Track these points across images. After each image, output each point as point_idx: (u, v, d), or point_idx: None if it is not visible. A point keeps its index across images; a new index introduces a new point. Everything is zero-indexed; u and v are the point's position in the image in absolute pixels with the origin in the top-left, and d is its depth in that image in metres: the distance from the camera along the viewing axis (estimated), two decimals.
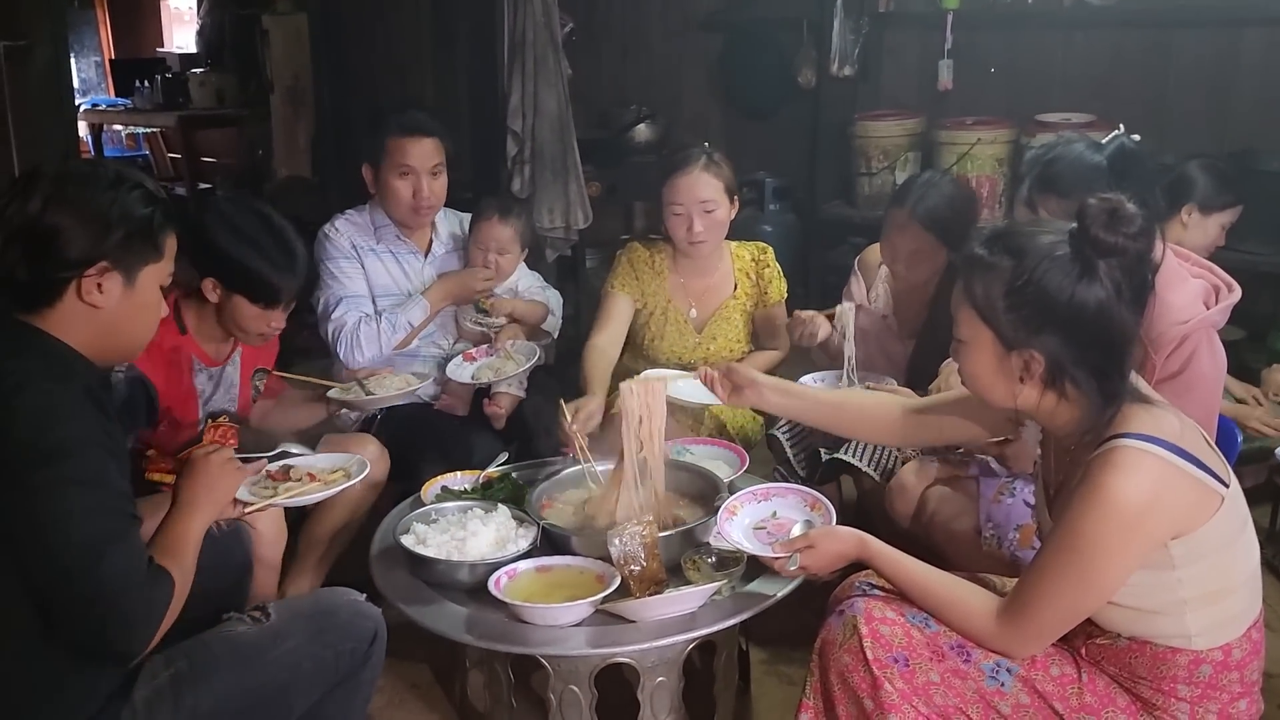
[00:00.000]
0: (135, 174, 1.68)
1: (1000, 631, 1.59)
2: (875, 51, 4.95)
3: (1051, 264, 1.52)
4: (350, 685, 1.80)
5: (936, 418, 1.98)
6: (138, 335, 1.70)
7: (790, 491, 2.13)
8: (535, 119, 4.04)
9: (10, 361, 1.51)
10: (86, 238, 1.56)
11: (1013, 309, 1.54)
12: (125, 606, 1.45)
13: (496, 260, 2.88)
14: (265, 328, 2.34)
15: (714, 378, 2.12)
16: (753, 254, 3.01)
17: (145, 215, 1.62)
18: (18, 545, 1.44)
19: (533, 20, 3.99)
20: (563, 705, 2.01)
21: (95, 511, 1.46)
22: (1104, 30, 4.47)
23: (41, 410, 1.46)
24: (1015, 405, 1.63)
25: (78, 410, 1.50)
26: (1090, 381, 1.54)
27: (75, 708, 1.54)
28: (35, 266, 1.55)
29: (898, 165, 4.67)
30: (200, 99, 7.57)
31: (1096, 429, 1.55)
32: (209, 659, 1.65)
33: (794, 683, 2.33)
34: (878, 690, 1.60)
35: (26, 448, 1.44)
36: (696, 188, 2.77)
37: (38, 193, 1.56)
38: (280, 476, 2.08)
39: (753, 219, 4.85)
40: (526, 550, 2.09)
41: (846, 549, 1.79)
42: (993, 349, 1.59)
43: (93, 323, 1.60)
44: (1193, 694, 1.56)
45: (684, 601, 1.95)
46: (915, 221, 2.61)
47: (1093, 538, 1.49)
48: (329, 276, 2.84)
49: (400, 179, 2.81)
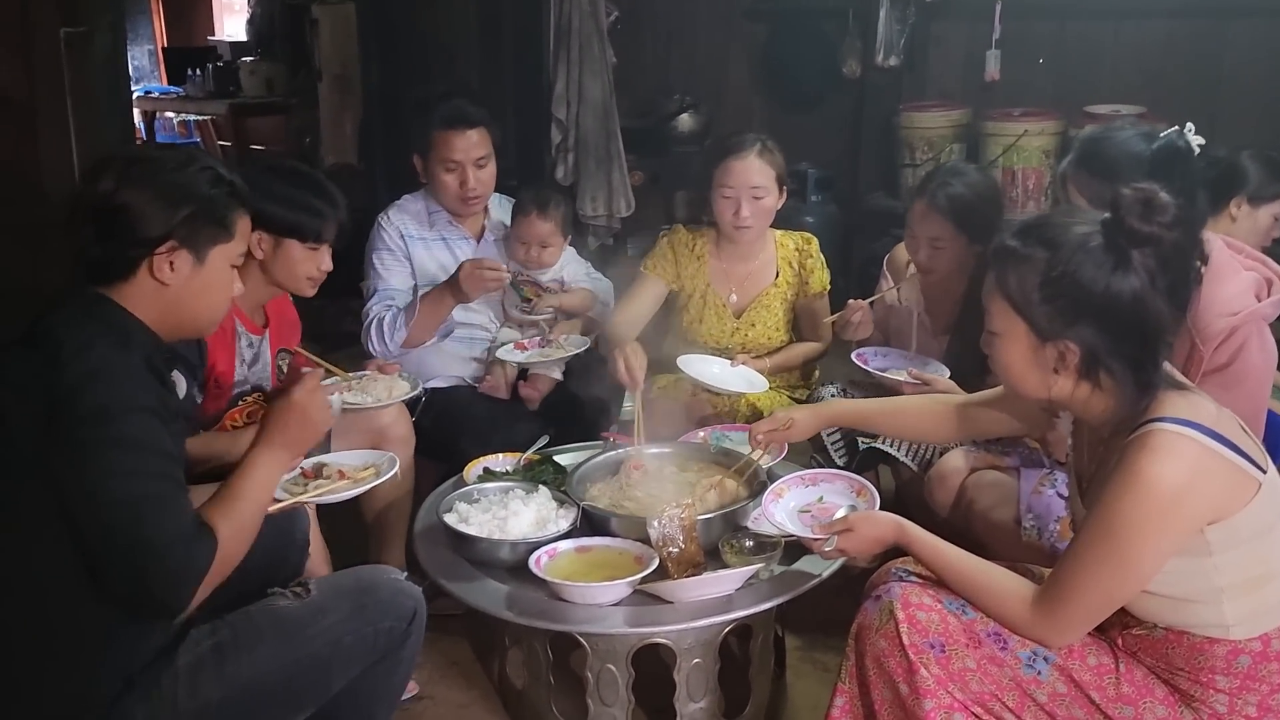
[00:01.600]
0: (206, 156, 1.75)
1: (1037, 619, 1.59)
2: (921, 42, 4.92)
3: (1085, 255, 1.52)
4: (390, 662, 1.83)
5: (977, 413, 2.00)
6: (207, 313, 1.75)
7: (837, 477, 2.14)
8: (580, 107, 4.07)
9: (79, 326, 1.56)
10: (155, 216, 1.62)
11: (1047, 300, 1.54)
12: (167, 564, 1.49)
13: (539, 253, 2.89)
14: (315, 270, 2.37)
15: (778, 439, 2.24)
16: (797, 243, 3.01)
17: (213, 195, 1.68)
18: (67, 500, 1.49)
19: (579, 8, 4.03)
20: (600, 683, 2.04)
21: (138, 474, 1.49)
22: (1155, 20, 4.42)
23: (98, 373, 1.51)
24: (1049, 396, 1.62)
25: (135, 376, 1.55)
26: (1125, 372, 1.54)
27: (121, 664, 1.58)
28: (108, 244, 1.62)
29: (942, 157, 4.63)
30: (250, 87, 7.67)
31: (1131, 417, 1.54)
32: (252, 630, 1.69)
33: (829, 669, 2.34)
34: (913, 675, 1.61)
35: (81, 407, 1.49)
36: (749, 172, 2.79)
37: (110, 173, 1.62)
38: (312, 474, 2.11)
39: (795, 210, 4.84)
40: (567, 530, 2.12)
41: (885, 533, 1.80)
42: (1027, 341, 1.59)
43: (163, 299, 1.65)
44: (1231, 685, 1.55)
45: (721, 583, 1.97)
46: (935, 209, 2.60)
47: (1129, 522, 1.48)
48: (372, 266, 2.89)
49: (447, 172, 2.84)
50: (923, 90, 4.93)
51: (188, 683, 1.62)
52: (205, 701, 1.62)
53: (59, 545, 1.52)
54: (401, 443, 2.57)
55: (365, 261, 2.91)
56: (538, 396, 2.85)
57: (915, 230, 2.67)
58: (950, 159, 4.59)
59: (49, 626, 1.55)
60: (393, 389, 2.51)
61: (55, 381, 1.49)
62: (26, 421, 1.50)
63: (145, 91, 8.70)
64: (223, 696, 1.63)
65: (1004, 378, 1.68)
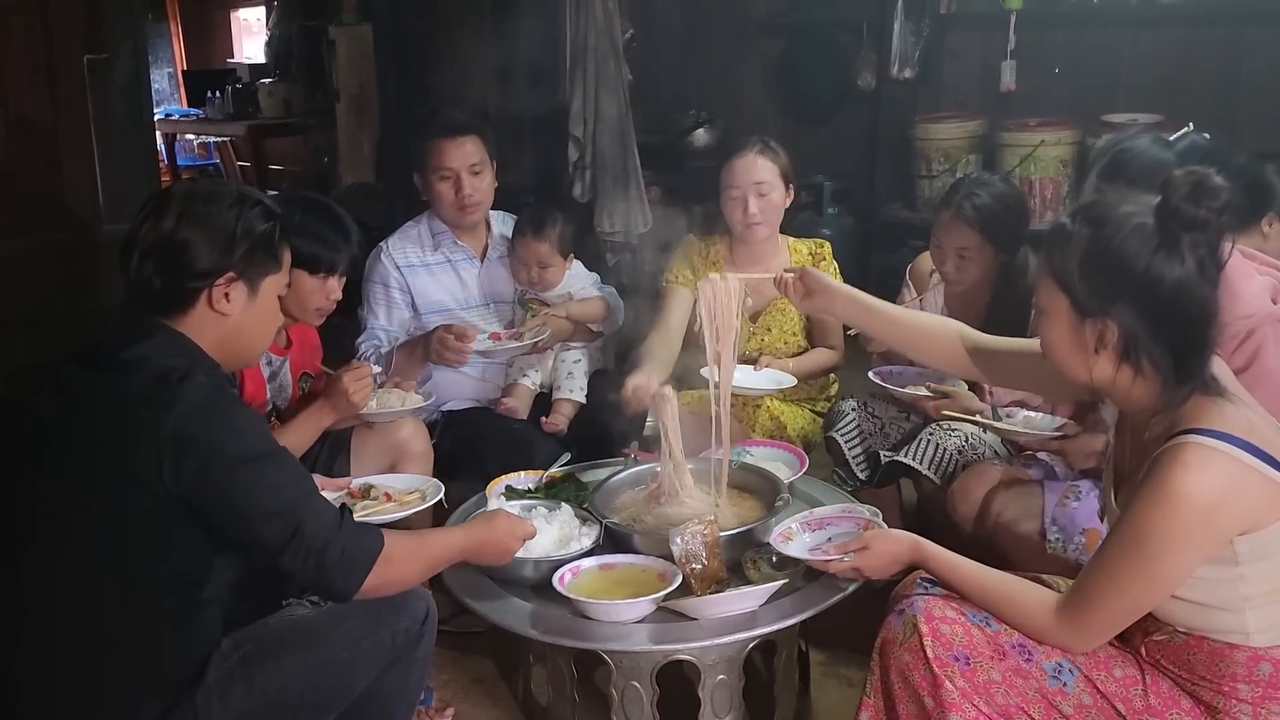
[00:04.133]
0: (255, 192, 1.84)
1: (1060, 626, 1.59)
2: (936, 53, 4.91)
3: (1130, 234, 1.51)
4: (406, 663, 1.87)
5: (1004, 361, 1.97)
6: (258, 341, 1.85)
7: (843, 518, 2.09)
8: (596, 124, 4.09)
9: (167, 357, 1.65)
10: (214, 250, 1.70)
11: (1087, 276, 1.54)
12: (333, 551, 1.63)
13: (540, 273, 2.88)
14: (324, 300, 2.41)
15: (789, 281, 2.16)
16: (810, 249, 3.02)
17: (267, 230, 1.77)
18: (213, 526, 1.61)
19: (594, 26, 4.05)
20: (625, 701, 2.04)
21: (281, 485, 1.63)
22: (1172, 28, 4.40)
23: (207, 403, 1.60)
24: (1091, 378, 1.61)
25: (233, 400, 1.70)
26: (1166, 359, 1.52)
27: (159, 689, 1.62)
28: (169, 277, 1.69)
29: (959, 167, 4.62)
30: (269, 108, 7.75)
31: (1169, 411, 1.53)
32: (275, 641, 1.73)
33: (853, 684, 2.33)
34: (938, 689, 1.60)
35: (205, 439, 1.57)
36: (752, 170, 2.82)
37: (170, 211, 1.70)
38: (359, 494, 2.24)
39: (811, 222, 4.85)
40: (590, 548, 2.13)
41: (900, 551, 1.80)
42: (1068, 317, 1.58)
43: (220, 329, 1.73)
44: (1254, 694, 1.54)
45: (745, 600, 1.97)
46: (962, 219, 2.60)
47: (1158, 534, 1.48)
48: (367, 297, 2.91)
49: (442, 181, 2.84)
50: (938, 101, 4.93)
51: (220, 698, 1.65)
52: (238, 713, 1.65)
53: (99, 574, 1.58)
54: (420, 459, 2.59)
55: (362, 288, 2.91)
56: (563, 423, 2.85)
57: (941, 241, 2.67)
58: (967, 169, 4.59)
59: (91, 659, 1.59)
60: (406, 400, 2.55)
61: (169, 414, 1.56)
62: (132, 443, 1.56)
63: (166, 114, 8.79)
64: (254, 707, 1.67)
65: (1049, 356, 1.67)
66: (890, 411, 2.81)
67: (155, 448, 1.54)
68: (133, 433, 1.57)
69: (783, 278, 2.18)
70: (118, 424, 1.59)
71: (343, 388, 2.31)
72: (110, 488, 1.57)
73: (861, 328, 2.20)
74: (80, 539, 1.58)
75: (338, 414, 2.33)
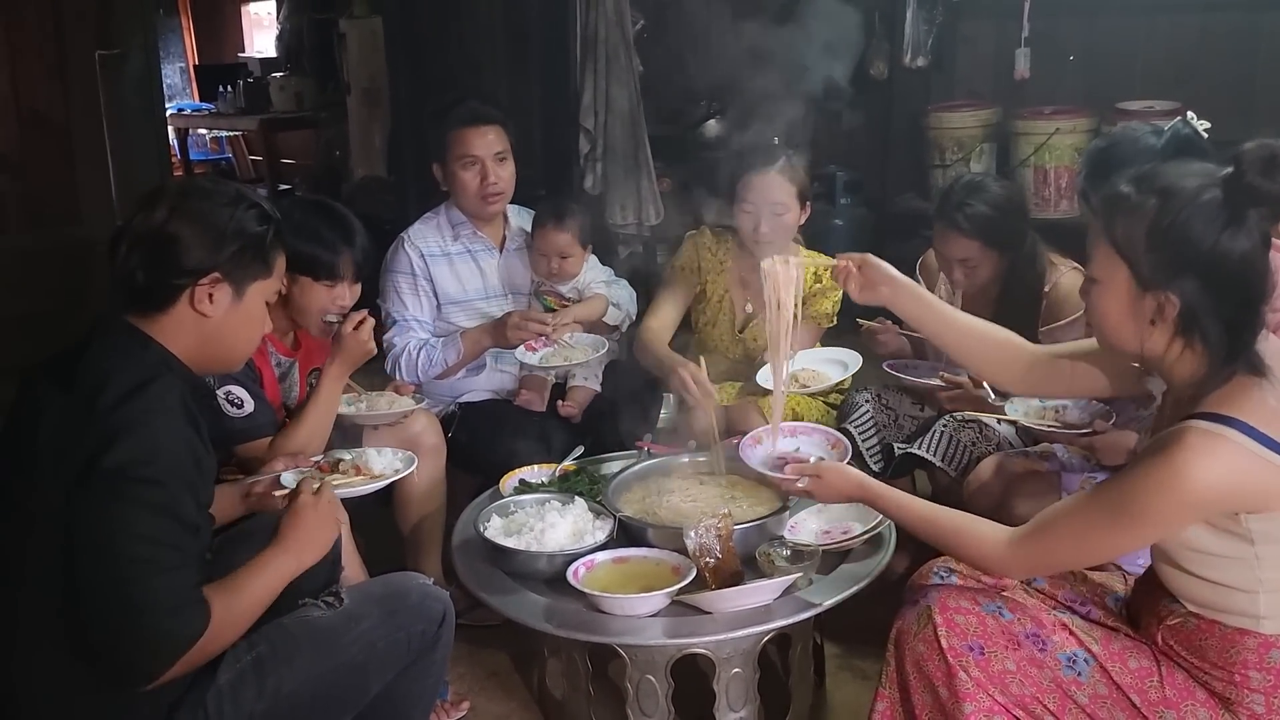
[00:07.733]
0: (254, 194, 1.78)
1: (1008, 553, 1.61)
2: (949, 41, 4.89)
3: (1199, 208, 1.48)
4: (422, 665, 1.85)
5: (1069, 366, 1.89)
6: (239, 347, 1.78)
7: (814, 431, 2.28)
8: (607, 116, 4.08)
9: (121, 370, 1.57)
10: (203, 248, 1.66)
11: (1153, 249, 1.51)
12: (144, 631, 1.49)
13: (560, 264, 2.88)
14: (333, 307, 2.38)
15: (849, 270, 2.06)
16: (817, 271, 2.87)
17: (259, 233, 1.72)
18: (75, 545, 1.50)
19: (605, 18, 4.04)
20: (639, 694, 2.04)
21: (147, 538, 1.49)
22: (1188, 14, 4.36)
23: (135, 426, 1.51)
24: (1141, 350, 1.59)
25: (172, 431, 1.55)
26: (1221, 334, 1.50)
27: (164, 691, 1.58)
28: (153, 272, 1.65)
29: (972, 156, 4.60)
30: (280, 102, 7.77)
31: (1209, 385, 1.51)
32: (289, 642, 1.70)
33: (868, 677, 2.33)
34: (953, 679, 1.60)
35: (111, 460, 1.49)
36: (770, 189, 2.77)
37: (163, 204, 1.66)
38: (328, 469, 2.11)
39: (824, 213, 4.82)
40: (604, 542, 2.13)
41: (848, 488, 1.86)
42: (1127, 288, 1.55)
43: (199, 331, 1.69)
44: (1265, 683, 1.53)
45: (759, 594, 1.97)
46: (959, 232, 2.54)
47: (1141, 503, 1.48)
48: (391, 289, 2.88)
49: (466, 170, 2.83)
50: (951, 90, 4.90)
51: (231, 699, 1.63)
52: (250, 714, 1.64)
53: None
54: (433, 452, 2.59)
55: (381, 280, 2.89)
56: (578, 410, 2.85)
57: (942, 251, 2.63)
58: (982, 159, 4.56)
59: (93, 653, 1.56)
60: (395, 403, 2.53)
61: (92, 429, 1.51)
62: (59, 464, 1.52)
63: (178, 109, 8.83)
64: (266, 709, 1.65)
65: (1098, 326, 1.64)
66: (904, 404, 2.80)
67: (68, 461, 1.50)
68: (62, 450, 1.53)
69: (841, 266, 2.08)
70: (57, 441, 1.54)
71: (343, 336, 2.28)
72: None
73: (918, 325, 2.09)
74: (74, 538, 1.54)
75: (351, 362, 2.30)
